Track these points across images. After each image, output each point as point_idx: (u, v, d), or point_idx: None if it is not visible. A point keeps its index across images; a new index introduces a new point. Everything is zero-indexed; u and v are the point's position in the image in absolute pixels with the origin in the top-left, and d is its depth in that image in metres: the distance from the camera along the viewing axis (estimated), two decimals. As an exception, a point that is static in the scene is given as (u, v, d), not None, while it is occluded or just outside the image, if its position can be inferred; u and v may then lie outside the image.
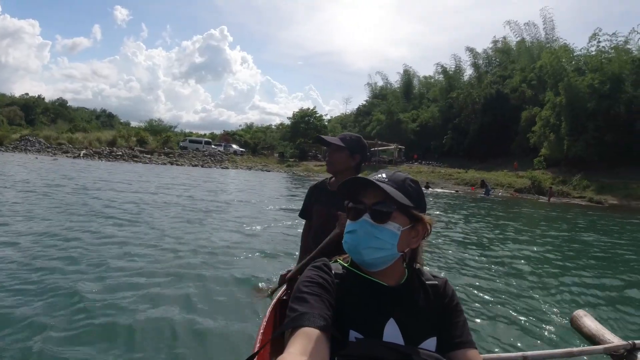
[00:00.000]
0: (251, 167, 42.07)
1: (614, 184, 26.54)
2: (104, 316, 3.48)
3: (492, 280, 5.61)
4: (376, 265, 1.15)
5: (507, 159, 37.77)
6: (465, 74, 57.54)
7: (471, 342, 1.17)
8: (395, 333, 1.11)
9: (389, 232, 1.12)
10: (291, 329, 0.97)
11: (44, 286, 4.07)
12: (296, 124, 53.56)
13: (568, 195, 27.31)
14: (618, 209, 21.98)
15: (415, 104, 60.34)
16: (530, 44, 49.98)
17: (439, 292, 1.22)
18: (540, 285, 5.53)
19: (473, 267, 6.35)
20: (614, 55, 33.16)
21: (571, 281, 5.79)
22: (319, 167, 41.47)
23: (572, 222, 14.34)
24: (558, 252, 8.30)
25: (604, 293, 5.37)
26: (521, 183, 29.93)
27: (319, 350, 0.91)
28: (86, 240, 6.13)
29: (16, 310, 3.47)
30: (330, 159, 2.51)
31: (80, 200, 10.49)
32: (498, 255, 7.37)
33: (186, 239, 6.76)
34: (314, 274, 1.14)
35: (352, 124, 65.90)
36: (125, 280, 4.44)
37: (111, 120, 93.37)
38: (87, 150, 40.04)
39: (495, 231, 10.69)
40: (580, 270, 6.60)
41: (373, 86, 71.63)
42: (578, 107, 30.79)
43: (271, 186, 22.93)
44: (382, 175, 1.17)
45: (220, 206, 11.51)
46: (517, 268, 6.46)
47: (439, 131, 48.13)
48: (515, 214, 16.51)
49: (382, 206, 1.12)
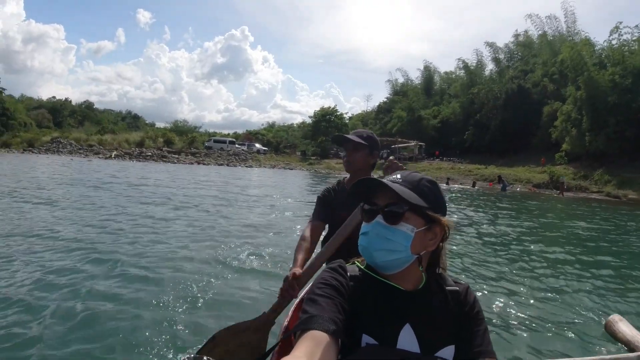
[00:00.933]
0: (274, 165, 43.30)
1: (635, 179, 26.62)
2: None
3: (512, 281, 5.52)
4: (389, 268, 1.13)
5: (528, 154, 37.87)
6: (486, 69, 57.26)
7: (491, 352, 1.13)
8: (411, 340, 1.08)
9: (402, 234, 1.10)
10: (300, 332, 0.97)
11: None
12: (317, 122, 54.45)
13: (586, 190, 27.58)
14: (638, 204, 22.19)
15: (436, 100, 60.40)
16: (552, 38, 49.23)
17: (459, 299, 1.18)
18: (567, 287, 5.37)
19: (490, 267, 6.25)
20: (636, 48, 33.08)
21: (601, 283, 5.66)
22: (340, 164, 42.20)
23: (591, 218, 14.39)
24: (579, 249, 8.21)
25: (636, 295, 5.24)
26: (540, 178, 30.23)
27: (326, 355, 0.90)
28: (158, 222, 8.28)
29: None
30: (351, 158, 2.45)
31: (138, 192, 13.00)
32: (513, 255, 7.32)
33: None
34: (328, 276, 1.13)
35: (373, 121, 66.29)
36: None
37: (136, 121, 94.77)
38: (117, 151, 41.80)
39: (514, 227, 10.83)
40: (608, 270, 6.48)
41: (394, 83, 71.66)
42: (599, 102, 30.80)
43: (298, 183, 24.41)
44: (397, 176, 1.16)
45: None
46: (535, 267, 6.39)
47: (460, 127, 48.13)
48: (529, 209, 16.93)
49: (394, 207, 1.10)
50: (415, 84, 67.48)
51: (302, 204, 13.48)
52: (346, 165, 2.48)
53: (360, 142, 2.39)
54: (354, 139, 2.40)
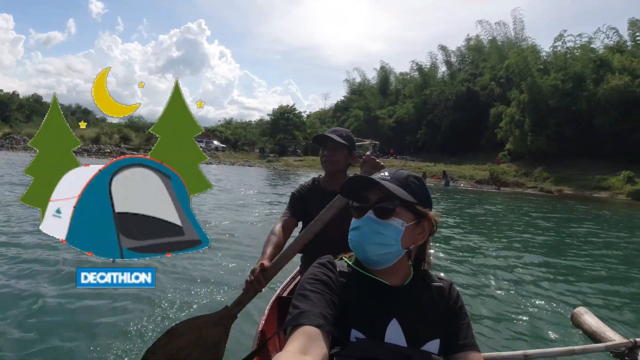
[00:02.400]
0: (234, 162, 43.04)
1: (571, 176, 28.62)
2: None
3: (468, 274, 5.56)
4: (380, 263, 1.15)
5: (475, 153, 39.76)
6: (439, 71, 59.50)
7: (474, 345, 1.17)
8: (398, 334, 1.10)
9: (393, 228, 1.13)
10: (291, 327, 0.98)
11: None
12: (276, 120, 54.46)
13: (522, 186, 29.44)
14: (570, 197, 24.00)
15: (391, 100, 62.06)
16: (501, 43, 51.76)
17: (443, 294, 1.22)
18: (526, 278, 5.48)
19: (441, 260, 6.22)
20: (579, 54, 35.69)
21: (562, 275, 5.81)
22: (298, 162, 43.08)
23: (532, 211, 15.71)
24: (520, 241, 8.43)
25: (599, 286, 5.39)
26: (482, 175, 31.93)
27: (318, 350, 0.91)
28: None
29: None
30: (334, 157, 2.43)
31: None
32: (458, 247, 7.40)
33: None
34: (318, 271, 1.15)
35: (331, 120, 67.10)
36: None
37: (87, 116, 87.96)
38: (75, 148, 40.31)
39: (455, 218, 11.30)
40: (553, 259, 6.80)
41: (351, 82, 73.15)
42: (541, 104, 32.90)
43: (258, 178, 24.61)
44: (385, 174, 1.19)
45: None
46: (483, 259, 6.51)
47: (414, 127, 49.74)
48: (468, 202, 17.90)
49: (385, 202, 1.14)
50: (372, 84, 69.17)
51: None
52: (327, 164, 2.46)
53: (342, 142, 2.39)
54: (336, 139, 2.39)
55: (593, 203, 21.16)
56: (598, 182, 26.85)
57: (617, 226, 12.34)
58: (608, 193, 25.61)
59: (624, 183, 25.29)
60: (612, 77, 31.46)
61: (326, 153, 2.43)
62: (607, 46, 39.82)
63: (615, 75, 31.40)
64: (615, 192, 25.27)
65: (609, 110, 30.34)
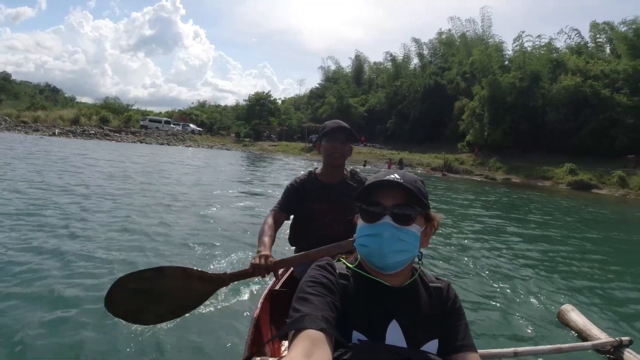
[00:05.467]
0: (212, 145, 44.56)
1: (521, 166, 31.50)
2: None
3: (448, 268, 5.64)
4: (396, 268, 1.15)
5: (440, 143, 42.15)
6: (412, 63, 61.43)
7: (472, 345, 1.17)
8: (398, 335, 1.11)
9: (412, 234, 1.13)
10: (294, 331, 0.96)
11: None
12: (252, 106, 55.42)
13: (471, 173, 32.37)
14: (517, 185, 26.74)
15: (364, 88, 63.99)
16: (470, 40, 54.05)
17: (441, 295, 1.22)
18: (519, 276, 5.49)
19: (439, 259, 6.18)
20: (538, 54, 38.89)
21: (545, 271, 5.88)
22: (272, 147, 45.05)
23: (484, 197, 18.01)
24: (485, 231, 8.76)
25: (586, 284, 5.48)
26: (437, 163, 34.52)
27: (322, 353, 0.90)
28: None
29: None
30: (342, 151, 2.44)
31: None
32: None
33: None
34: (318, 274, 1.14)
35: (305, 106, 68.54)
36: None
37: (55, 95, 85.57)
38: (60, 129, 40.59)
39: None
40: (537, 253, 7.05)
41: (326, 70, 74.58)
42: (499, 100, 35.54)
43: (240, 162, 26.25)
44: (396, 176, 1.15)
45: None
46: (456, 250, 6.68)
47: (384, 116, 51.62)
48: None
49: (406, 208, 1.12)
50: (346, 72, 70.79)
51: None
52: (338, 158, 2.47)
53: (352, 136, 2.47)
54: (345, 133, 2.45)
55: (532, 190, 23.90)
56: (543, 173, 29.66)
57: (569, 214, 14.02)
58: (550, 182, 28.44)
59: (566, 174, 28.03)
60: (564, 77, 34.27)
61: (337, 146, 2.43)
62: (569, 46, 43.25)
63: (567, 76, 34.21)
64: (557, 182, 28.10)
65: (560, 108, 33.04)
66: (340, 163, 2.50)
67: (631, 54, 35.11)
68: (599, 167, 27.99)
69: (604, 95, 31.92)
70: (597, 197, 22.68)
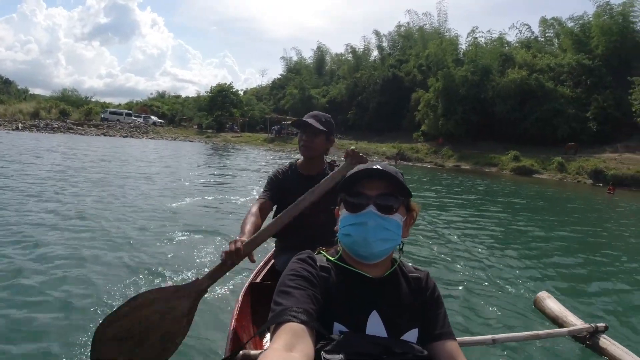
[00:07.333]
0: (175, 137, 44.59)
1: (472, 154, 33.54)
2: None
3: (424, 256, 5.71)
4: (381, 256, 1.17)
5: (398, 133, 43.77)
6: (372, 55, 62.51)
7: (451, 333, 1.20)
8: (378, 325, 1.13)
9: (396, 223, 1.16)
10: (275, 325, 0.97)
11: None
12: (214, 97, 55.38)
13: (422, 161, 34.51)
14: (463, 172, 28.66)
15: (326, 80, 64.87)
16: (427, 33, 55.23)
17: (421, 285, 1.25)
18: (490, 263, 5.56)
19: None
20: (489, 48, 41.17)
21: (517, 259, 5.97)
22: (235, 138, 45.62)
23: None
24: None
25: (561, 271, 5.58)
26: (392, 152, 36.22)
27: (304, 346, 0.91)
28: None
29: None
30: (312, 143, 2.43)
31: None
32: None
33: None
34: (299, 267, 1.15)
35: (268, 97, 68.83)
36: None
37: (8, 87, 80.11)
38: (22, 123, 39.69)
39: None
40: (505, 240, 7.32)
41: (288, 60, 74.86)
42: (452, 92, 37.37)
43: (203, 153, 26.78)
44: (378, 167, 1.17)
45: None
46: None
47: (345, 107, 52.57)
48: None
49: (389, 198, 1.15)
50: (308, 63, 71.34)
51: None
52: (305, 150, 2.47)
53: (320, 128, 2.39)
54: (315, 124, 2.39)
55: (478, 175, 25.78)
56: (490, 160, 31.74)
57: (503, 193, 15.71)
58: (496, 168, 30.53)
59: (510, 160, 30.10)
60: (512, 71, 36.47)
61: (305, 138, 2.44)
62: (520, 40, 45.92)
63: (515, 70, 36.44)
64: (502, 168, 30.19)
65: (507, 100, 35.14)
66: (312, 155, 2.50)
67: (575, 49, 37.55)
68: (541, 155, 30.15)
69: (548, 88, 34.31)
70: (537, 181, 24.81)
